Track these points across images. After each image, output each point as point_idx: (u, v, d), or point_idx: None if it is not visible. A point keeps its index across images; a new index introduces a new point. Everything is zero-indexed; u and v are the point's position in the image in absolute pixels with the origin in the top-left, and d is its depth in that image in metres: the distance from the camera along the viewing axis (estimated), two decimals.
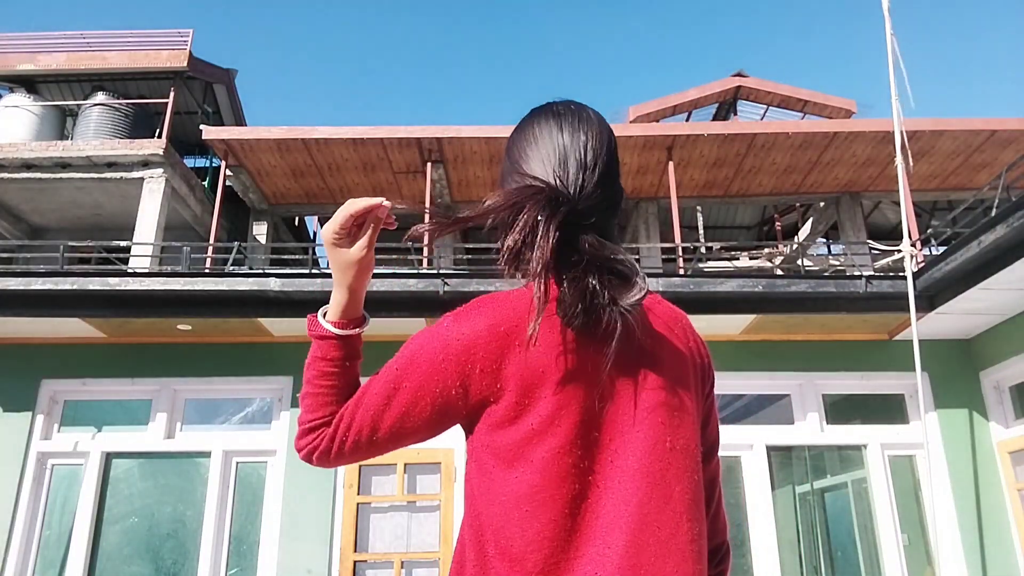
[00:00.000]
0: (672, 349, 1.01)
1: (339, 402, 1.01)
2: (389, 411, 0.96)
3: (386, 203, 1.02)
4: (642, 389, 0.95)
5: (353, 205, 1.01)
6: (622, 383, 0.94)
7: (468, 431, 0.97)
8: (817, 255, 13.95)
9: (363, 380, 1.04)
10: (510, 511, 0.88)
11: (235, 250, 7.73)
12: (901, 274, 5.96)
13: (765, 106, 13.53)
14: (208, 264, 9.10)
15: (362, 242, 1.03)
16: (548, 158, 1.03)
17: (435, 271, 6.46)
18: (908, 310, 5.25)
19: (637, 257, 11.13)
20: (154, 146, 10.70)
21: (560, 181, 1.00)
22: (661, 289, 5.78)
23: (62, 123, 12.52)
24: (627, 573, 0.85)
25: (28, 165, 10.65)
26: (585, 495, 0.89)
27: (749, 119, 13.49)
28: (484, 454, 0.93)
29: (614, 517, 0.88)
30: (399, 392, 0.95)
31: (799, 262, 10.84)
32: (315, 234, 15.25)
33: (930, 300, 5.93)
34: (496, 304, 0.95)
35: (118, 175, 10.72)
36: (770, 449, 6.25)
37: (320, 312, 1.07)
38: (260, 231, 11.99)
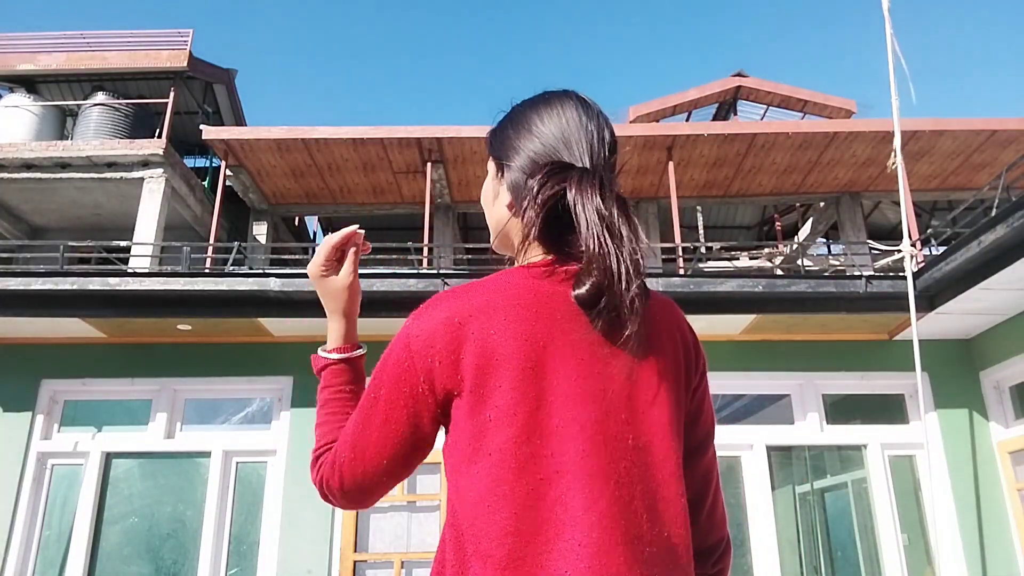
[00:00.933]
0: (655, 340, 0.97)
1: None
2: (373, 420, 0.95)
3: (360, 230, 1.13)
4: (613, 381, 0.92)
5: (332, 239, 1.12)
6: (592, 374, 0.91)
7: (445, 428, 0.96)
8: (817, 255, 13.94)
9: None
10: (477, 506, 0.87)
11: (235, 250, 7.72)
12: (901, 274, 5.96)
13: (765, 106, 13.53)
14: (208, 264, 9.11)
15: (347, 268, 1.12)
16: (569, 137, 1.02)
17: (435, 271, 6.47)
18: (908, 310, 5.26)
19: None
20: (154, 146, 10.71)
21: (588, 158, 1.00)
22: (661, 289, 5.77)
23: (62, 123, 12.52)
24: (597, 572, 0.83)
25: (28, 165, 10.66)
26: (549, 487, 0.86)
27: (749, 119, 13.49)
28: (454, 449, 0.92)
29: (582, 512, 0.85)
30: (378, 400, 0.95)
31: (799, 262, 10.84)
32: (315, 234, 15.26)
33: (930, 300, 5.93)
34: (453, 297, 0.95)
35: (118, 175, 10.72)
36: (770, 449, 6.25)
37: (319, 350, 1.13)
38: (260, 231, 12.00)
